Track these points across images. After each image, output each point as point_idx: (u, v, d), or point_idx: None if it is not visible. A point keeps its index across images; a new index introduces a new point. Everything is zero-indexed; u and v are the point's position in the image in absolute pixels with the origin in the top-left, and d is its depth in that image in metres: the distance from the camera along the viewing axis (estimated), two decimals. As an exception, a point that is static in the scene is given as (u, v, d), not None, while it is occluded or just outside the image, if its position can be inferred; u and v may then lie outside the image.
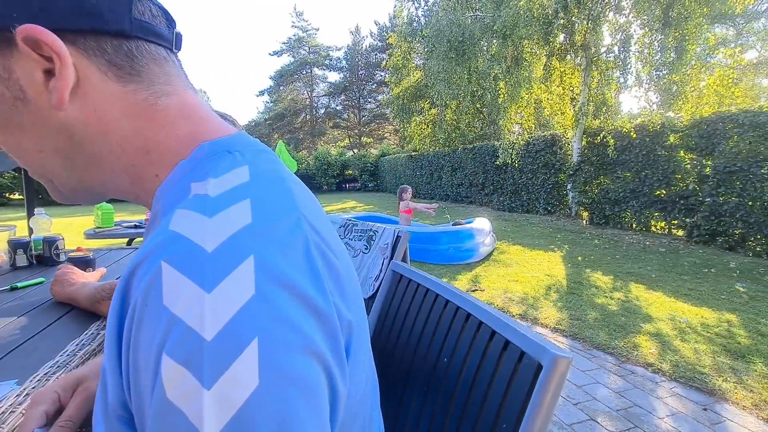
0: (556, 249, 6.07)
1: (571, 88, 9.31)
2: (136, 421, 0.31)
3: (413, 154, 16.85)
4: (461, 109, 13.41)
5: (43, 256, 1.54)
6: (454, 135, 15.35)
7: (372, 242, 1.80)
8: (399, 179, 18.15)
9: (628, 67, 7.98)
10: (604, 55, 8.52)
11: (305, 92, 36.82)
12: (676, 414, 2.10)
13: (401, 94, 16.23)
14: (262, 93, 37.71)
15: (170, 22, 0.46)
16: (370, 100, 36.21)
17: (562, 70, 9.13)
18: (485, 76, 9.61)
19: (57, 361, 0.77)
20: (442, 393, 0.66)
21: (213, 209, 0.34)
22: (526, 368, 0.50)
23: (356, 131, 36.38)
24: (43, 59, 0.37)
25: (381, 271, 1.60)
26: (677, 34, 7.00)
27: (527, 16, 7.71)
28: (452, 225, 6.17)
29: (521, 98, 8.88)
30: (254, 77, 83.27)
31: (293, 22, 36.06)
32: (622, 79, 8.23)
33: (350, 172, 23.46)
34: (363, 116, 36.54)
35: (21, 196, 16.05)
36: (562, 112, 9.41)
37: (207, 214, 0.33)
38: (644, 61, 7.65)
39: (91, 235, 2.65)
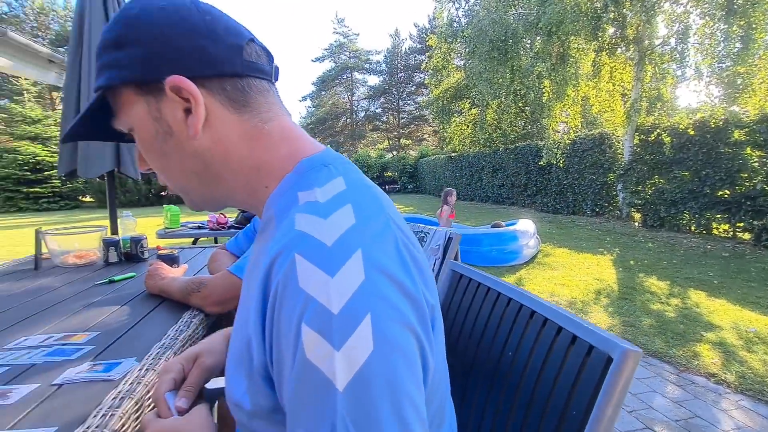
0: (605, 252, 5.82)
1: (622, 84, 8.85)
2: (275, 378, 0.41)
3: (453, 155, 16.69)
4: (503, 108, 13.13)
5: (130, 254, 1.74)
6: (495, 135, 15.04)
7: (423, 243, 1.85)
8: (438, 181, 18.03)
9: (686, 59, 7.47)
10: (659, 48, 8.03)
11: (346, 96, 37.52)
12: (743, 428, 1.98)
13: (441, 95, 16.13)
14: (304, 98, 38.90)
15: (270, 58, 0.55)
16: (408, 102, 36.24)
17: (611, 65, 8.70)
18: (528, 75, 9.37)
19: (163, 344, 0.90)
20: (507, 385, 0.71)
21: (325, 213, 0.43)
22: (595, 361, 0.53)
23: (395, 133, 36.54)
24: (183, 101, 0.48)
25: (433, 271, 1.65)
26: (743, 22, 6.47)
27: (574, 12, 7.43)
28: (491, 227, 6.08)
29: (567, 96, 8.56)
30: (297, 83, 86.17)
31: (335, 29, 36.90)
32: (679, 72, 7.71)
33: (389, 174, 23.60)
34: (402, 118, 36.64)
35: (92, 199, 17.61)
36: (611, 109, 8.96)
37: (322, 217, 0.42)
38: (705, 52, 7.14)
39: (162, 234, 2.92)
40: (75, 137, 0.56)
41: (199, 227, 3.12)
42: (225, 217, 3.15)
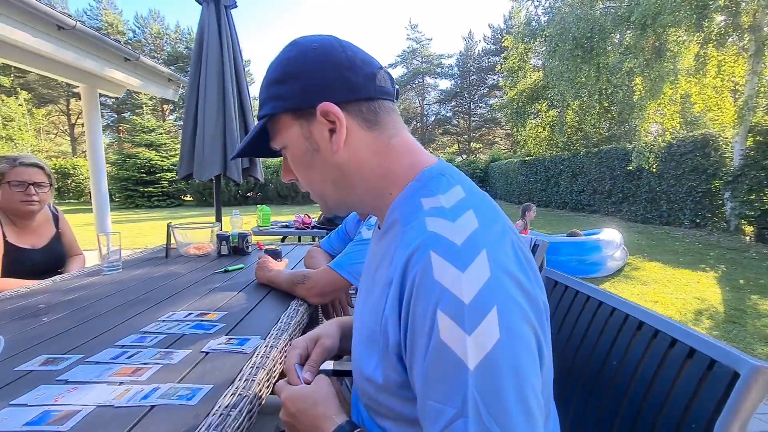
0: (708, 269, 5.16)
1: (732, 79, 7.75)
2: (407, 355, 0.48)
3: (527, 159, 15.94)
4: (585, 109, 12.24)
5: (238, 247, 1.97)
6: (575, 138, 14.08)
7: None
8: (510, 185, 17.33)
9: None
10: (783, 35, 6.91)
11: (417, 101, 37.77)
12: None
13: (516, 97, 15.52)
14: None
15: (392, 81, 0.63)
16: (480, 105, 35.38)
17: (720, 58, 7.67)
18: (616, 72, 8.64)
19: (279, 327, 1.03)
20: (610, 394, 0.71)
21: (452, 216, 0.50)
22: (718, 376, 0.52)
23: (465, 137, 35.88)
24: (329, 123, 0.57)
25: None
26: None
27: (674, 1, 6.70)
28: (567, 235, 5.70)
29: (663, 94, 7.73)
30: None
31: (408, 35, 37.41)
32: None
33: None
34: (473, 122, 35.86)
35: (192, 198, 19.84)
36: (718, 107, 7.90)
37: (450, 220, 0.49)
38: None
39: (256, 232, 3.25)
40: (241, 155, 0.69)
41: (287, 226, 3.41)
42: (309, 218, 3.39)
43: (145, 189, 18.81)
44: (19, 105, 21.25)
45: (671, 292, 4.19)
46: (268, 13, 77.64)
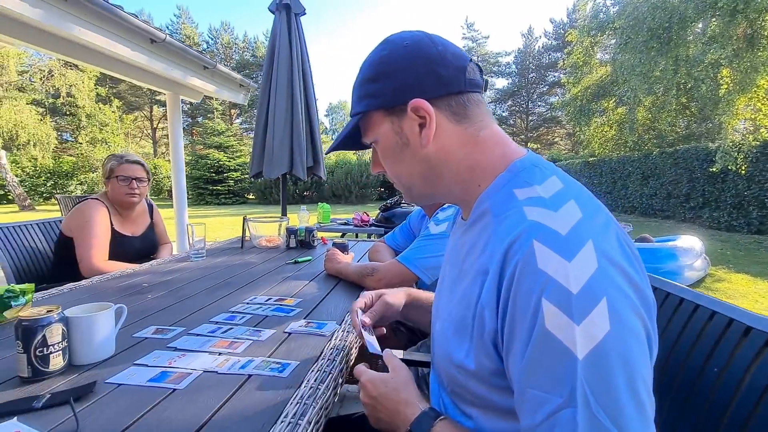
0: (812, 285, 4.51)
1: None
2: (504, 343, 0.48)
3: (591, 159, 14.97)
4: (659, 105, 11.22)
5: (304, 241, 2.08)
6: (646, 137, 12.97)
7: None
8: (572, 188, 16.33)
9: None
10: None
11: (470, 100, 36.94)
12: None
13: (580, 94, 14.65)
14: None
15: (481, 72, 0.63)
16: (539, 103, 33.86)
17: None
18: (698, 64, 7.83)
19: (349, 311, 1.09)
20: (709, 402, 0.66)
21: (554, 206, 0.49)
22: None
23: (523, 137, 34.47)
24: (419, 118, 0.59)
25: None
26: None
27: (772, -18, 5.95)
28: (635, 241, 5.26)
29: (756, 87, 6.88)
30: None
31: (464, 34, 36.81)
32: None
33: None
34: (531, 121, 34.42)
35: (254, 196, 21.12)
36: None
37: (552, 210, 0.49)
38: None
39: (317, 228, 3.40)
40: (335, 149, 0.74)
41: (345, 223, 3.53)
42: (368, 215, 3.48)
43: (214, 187, 20.33)
44: (112, 112, 23.98)
45: (764, 308, 3.73)
46: (333, 20, 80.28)
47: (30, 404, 0.61)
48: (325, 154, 0.61)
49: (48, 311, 0.71)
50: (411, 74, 0.59)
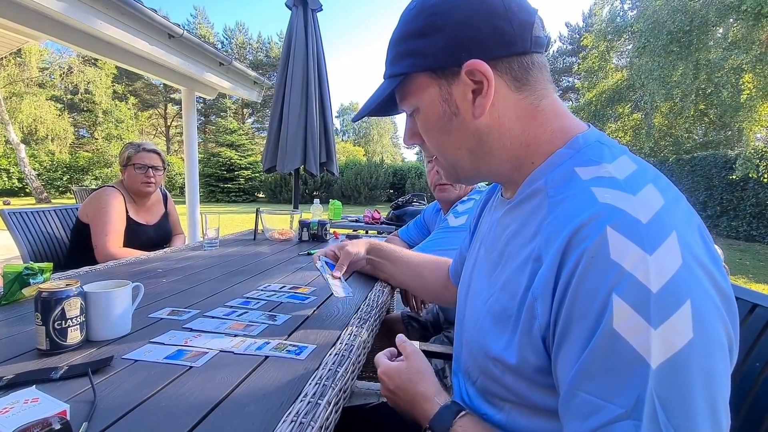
0: (836, 297, 4.36)
1: None
2: (555, 337, 0.42)
3: (605, 165, 14.73)
4: (677, 111, 11.02)
5: (317, 234, 2.07)
6: (663, 143, 12.75)
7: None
8: (584, 194, 16.13)
9: None
10: None
11: (482, 104, 36.78)
12: None
13: (594, 99, 14.47)
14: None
15: (543, 25, 0.53)
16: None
17: None
18: (718, 69, 7.67)
19: (369, 304, 1.07)
20: (754, 401, 0.63)
21: (632, 189, 0.42)
22: None
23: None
24: (473, 83, 0.50)
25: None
26: None
27: (799, -14, 5.80)
28: None
29: (780, 93, 6.70)
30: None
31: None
32: None
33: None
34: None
35: (264, 195, 21.29)
36: None
37: (631, 193, 0.42)
38: None
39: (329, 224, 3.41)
40: (363, 116, 0.64)
41: (356, 221, 3.51)
42: (379, 213, 3.46)
43: (225, 185, 20.56)
44: (128, 109, 24.42)
45: (785, 319, 3.61)
46: (343, 21, 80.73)
47: (48, 375, 0.60)
48: (353, 120, 0.59)
49: (67, 285, 0.71)
50: (470, 29, 0.49)
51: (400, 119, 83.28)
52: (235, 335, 0.80)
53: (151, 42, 3.55)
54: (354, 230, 3.29)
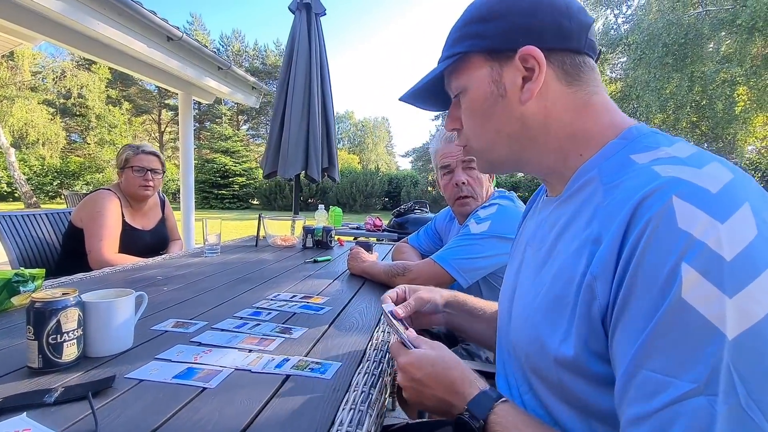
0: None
1: None
2: (614, 316, 0.39)
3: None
4: (670, 123, 11.17)
5: (321, 241, 2.00)
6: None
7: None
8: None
9: None
10: None
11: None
12: None
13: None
14: (437, 117, 39.75)
15: (595, 36, 0.56)
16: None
17: None
18: (713, 82, 7.79)
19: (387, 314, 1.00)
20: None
21: (697, 164, 0.41)
22: None
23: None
24: (524, 70, 0.52)
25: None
26: None
27: (791, 1, 5.92)
28: None
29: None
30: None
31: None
32: None
33: (521, 194, 22.32)
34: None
35: (258, 202, 21.12)
36: None
37: (696, 167, 0.40)
38: None
39: (329, 231, 3.34)
40: (409, 99, 0.66)
41: (357, 228, 3.44)
42: (381, 220, 3.40)
43: (219, 191, 20.37)
44: (122, 114, 24.21)
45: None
46: (353, 23, 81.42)
47: (41, 398, 0.52)
48: (399, 99, 0.53)
49: (64, 294, 0.63)
50: (531, 17, 0.52)
51: (396, 128, 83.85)
52: (250, 350, 0.73)
53: (150, 44, 3.48)
54: (355, 238, 3.22)
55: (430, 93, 0.62)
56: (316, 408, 0.54)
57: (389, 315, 0.72)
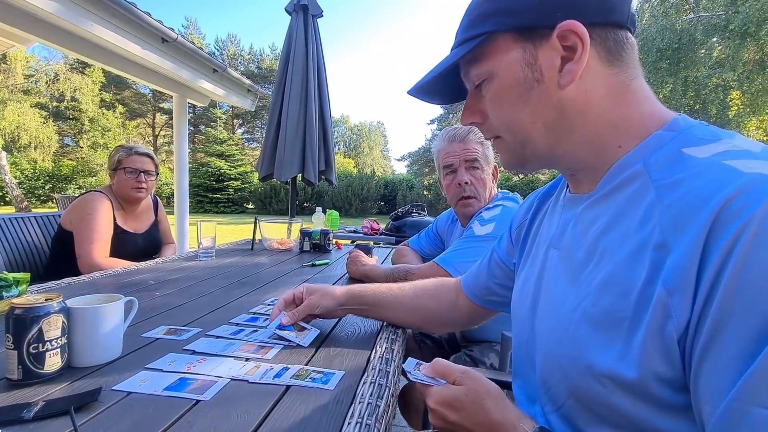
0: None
1: None
2: (703, 339, 0.34)
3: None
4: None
5: (319, 244, 1.96)
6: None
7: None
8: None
9: None
10: None
11: (471, 118, 37.30)
12: None
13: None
14: (432, 122, 39.84)
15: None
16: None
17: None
18: (704, 87, 7.86)
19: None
20: None
21: None
22: None
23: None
24: (563, 49, 0.45)
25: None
26: None
27: (783, 7, 6.00)
28: None
29: None
30: (427, 107, 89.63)
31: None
32: None
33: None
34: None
35: (253, 206, 21.00)
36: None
37: None
38: None
39: (326, 235, 3.30)
40: (419, 91, 0.58)
41: (354, 231, 3.40)
42: (378, 224, 3.36)
43: (213, 195, 20.24)
44: (116, 117, 24.01)
45: None
46: (338, 28, 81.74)
47: (19, 414, 0.48)
48: (408, 93, 0.48)
49: (47, 299, 0.59)
50: None
51: (392, 132, 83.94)
52: (247, 359, 0.68)
53: (144, 46, 3.43)
54: (353, 242, 3.17)
55: (440, 84, 0.56)
56: (320, 421, 0.50)
57: (277, 329, 0.78)
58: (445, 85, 0.57)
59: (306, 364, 0.68)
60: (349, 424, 0.49)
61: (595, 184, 0.50)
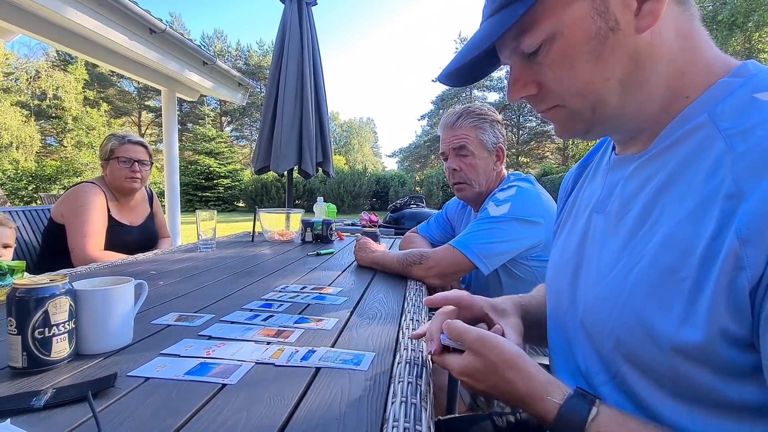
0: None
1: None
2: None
3: (584, 173, 15.07)
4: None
5: (321, 234, 1.91)
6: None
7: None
8: (564, 200, 16.41)
9: None
10: None
11: (462, 114, 37.43)
12: None
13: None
14: (423, 117, 39.88)
15: None
16: (531, 117, 34.41)
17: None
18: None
19: (411, 304, 0.92)
20: None
21: None
22: None
23: (513, 150, 34.93)
24: None
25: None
26: None
27: (769, -2, 6.09)
28: None
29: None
30: (417, 103, 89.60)
31: (457, 48, 37.47)
32: None
33: (506, 192, 22.43)
34: (522, 135, 34.94)
35: (244, 204, 20.76)
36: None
37: None
38: None
39: (324, 228, 3.25)
40: (452, 72, 0.51)
41: (352, 224, 3.35)
42: (376, 216, 3.32)
43: (203, 194, 19.96)
44: (100, 116, 23.47)
45: None
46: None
47: (28, 402, 0.43)
48: (437, 78, 0.43)
49: (51, 280, 0.54)
50: None
51: (382, 129, 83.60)
52: (268, 343, 0.64)
53: (131, 36, 3.32)
54: (353, 233, 3.13)
55: (468, 66, 0.48)
56: (360, 402, 0.46)
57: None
58: (473, 66, 0.49)
59: (332, 347, 0.64)
60: (393, 403, 0.46)
61: (650, 142, 0.46)
